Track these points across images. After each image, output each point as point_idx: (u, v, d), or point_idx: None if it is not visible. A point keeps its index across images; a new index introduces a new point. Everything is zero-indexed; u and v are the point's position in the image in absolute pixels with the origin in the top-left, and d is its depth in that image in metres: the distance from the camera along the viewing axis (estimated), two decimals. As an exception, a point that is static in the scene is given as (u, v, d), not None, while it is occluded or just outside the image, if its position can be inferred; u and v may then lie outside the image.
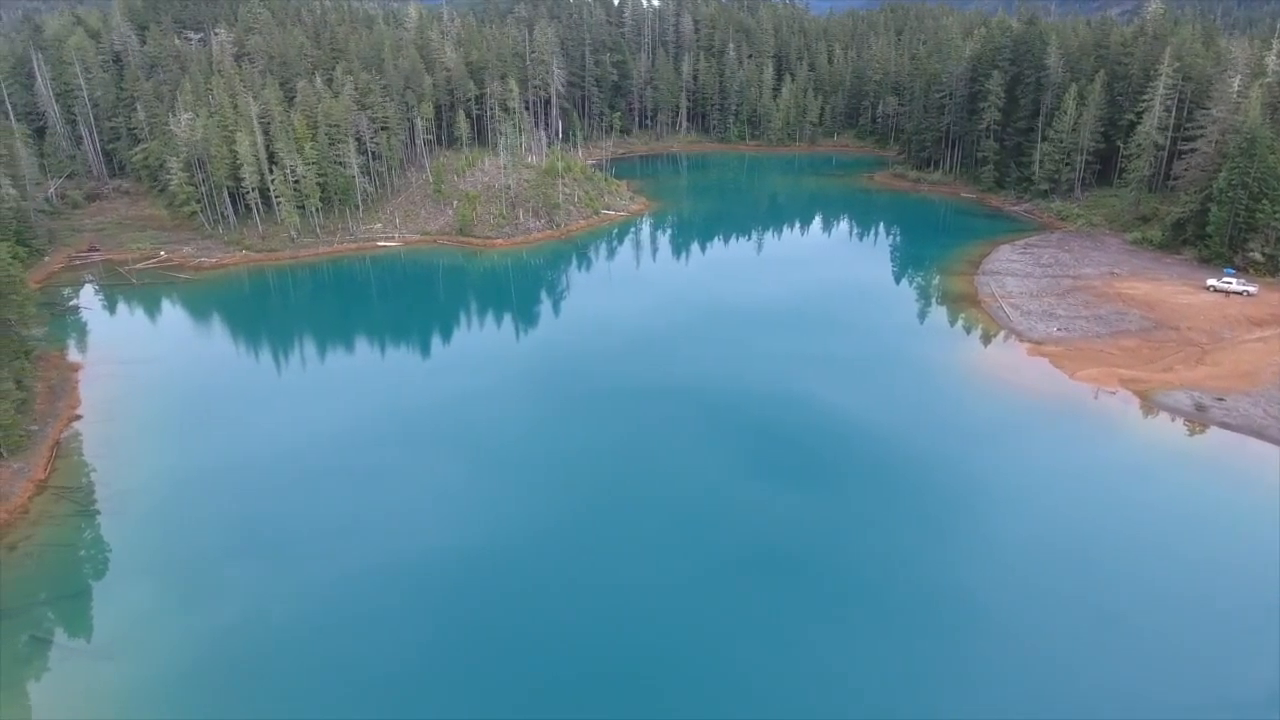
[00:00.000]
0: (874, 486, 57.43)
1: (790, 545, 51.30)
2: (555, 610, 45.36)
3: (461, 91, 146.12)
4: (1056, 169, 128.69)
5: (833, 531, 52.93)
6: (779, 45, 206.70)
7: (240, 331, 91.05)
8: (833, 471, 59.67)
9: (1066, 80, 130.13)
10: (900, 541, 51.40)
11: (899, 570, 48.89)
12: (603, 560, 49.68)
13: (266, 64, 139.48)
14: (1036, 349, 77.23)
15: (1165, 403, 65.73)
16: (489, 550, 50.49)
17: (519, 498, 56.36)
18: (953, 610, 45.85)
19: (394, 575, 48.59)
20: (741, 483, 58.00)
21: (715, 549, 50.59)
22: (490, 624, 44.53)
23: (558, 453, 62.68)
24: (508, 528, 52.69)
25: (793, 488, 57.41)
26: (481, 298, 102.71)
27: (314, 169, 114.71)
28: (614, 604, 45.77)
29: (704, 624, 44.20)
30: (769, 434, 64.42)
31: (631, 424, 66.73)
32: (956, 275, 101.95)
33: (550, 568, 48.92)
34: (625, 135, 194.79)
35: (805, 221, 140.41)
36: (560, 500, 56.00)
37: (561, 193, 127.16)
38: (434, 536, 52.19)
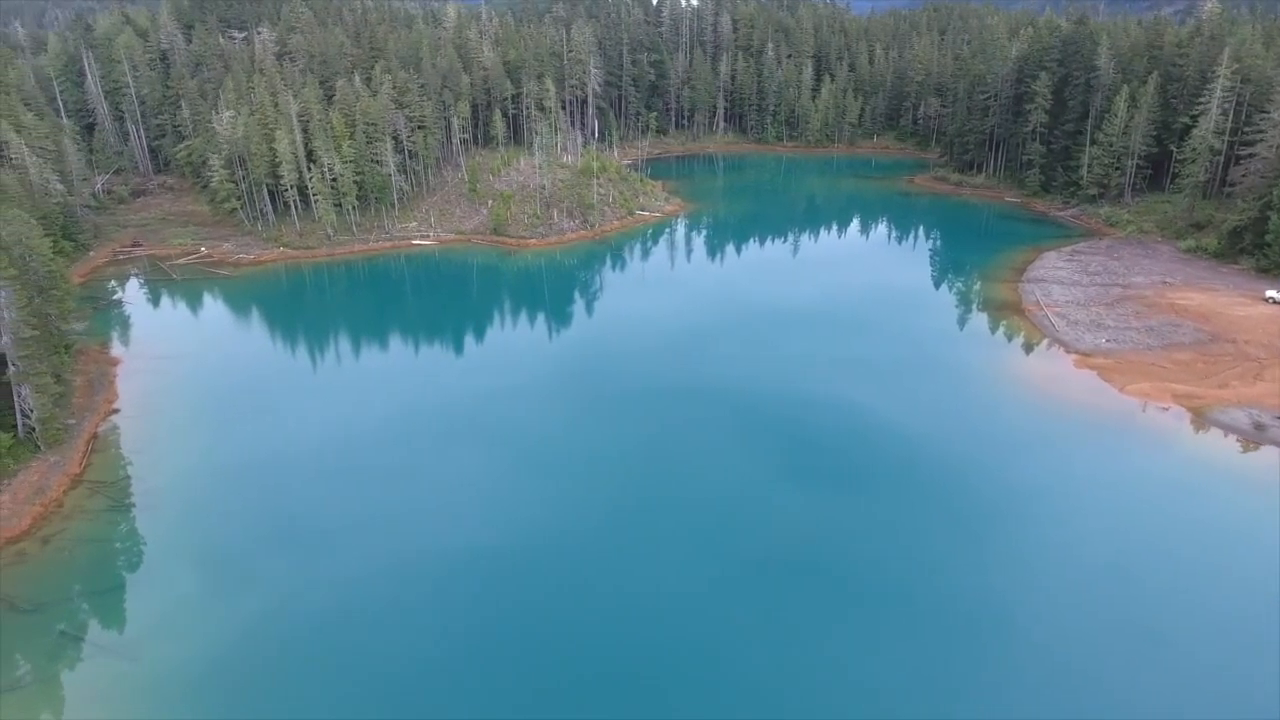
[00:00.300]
0: (909, 495, 55.70)
1: (820, 551, 50.46)
2: (579, 610, 45.34)
3: (498, 91, 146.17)
4: (1105, 173, 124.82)
5: (865, 539, 51.50)
6: (819, 45, 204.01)
7: (276, 328, 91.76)
8: (867, 477, 58.07)
9: (1118, 82, 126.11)
10: (934, 551, 49.78)
11: (931, 580, 47.48)
12: (628, 560, 49.55)
13: (307, 63, 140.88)
14: (1084, 360, 74.51)
15: (1221, 420, 62.83)
16: (516, 548, 50.60)
17: (547, 496, 56.35)
18: (986, 622, 44.45)
19: (423, 570, 48.73)
20: (772, 486, 57.01)
21: (743, 552, 50.11)
22: (515, 622, 44.59)
23: (587, 452, 62.29)
24: (535, 526, 52.84)
25: (825, 492, 56.10)
26: (515, 297, 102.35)
27: (351, 167, 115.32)
28: (639, 605, 45.60)
29: (729, 627, 43.85)
30: (802, 437, 63.07)
31: (661, 424, 66.17)
32: (999, 282, 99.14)
33: (576, 567, 49.02)
34: (661, 135, 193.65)
35: (843, 224, 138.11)
36: (588, 499, 55.94)
37: (596, 193, 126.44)
38: (463, 533, 52.06)
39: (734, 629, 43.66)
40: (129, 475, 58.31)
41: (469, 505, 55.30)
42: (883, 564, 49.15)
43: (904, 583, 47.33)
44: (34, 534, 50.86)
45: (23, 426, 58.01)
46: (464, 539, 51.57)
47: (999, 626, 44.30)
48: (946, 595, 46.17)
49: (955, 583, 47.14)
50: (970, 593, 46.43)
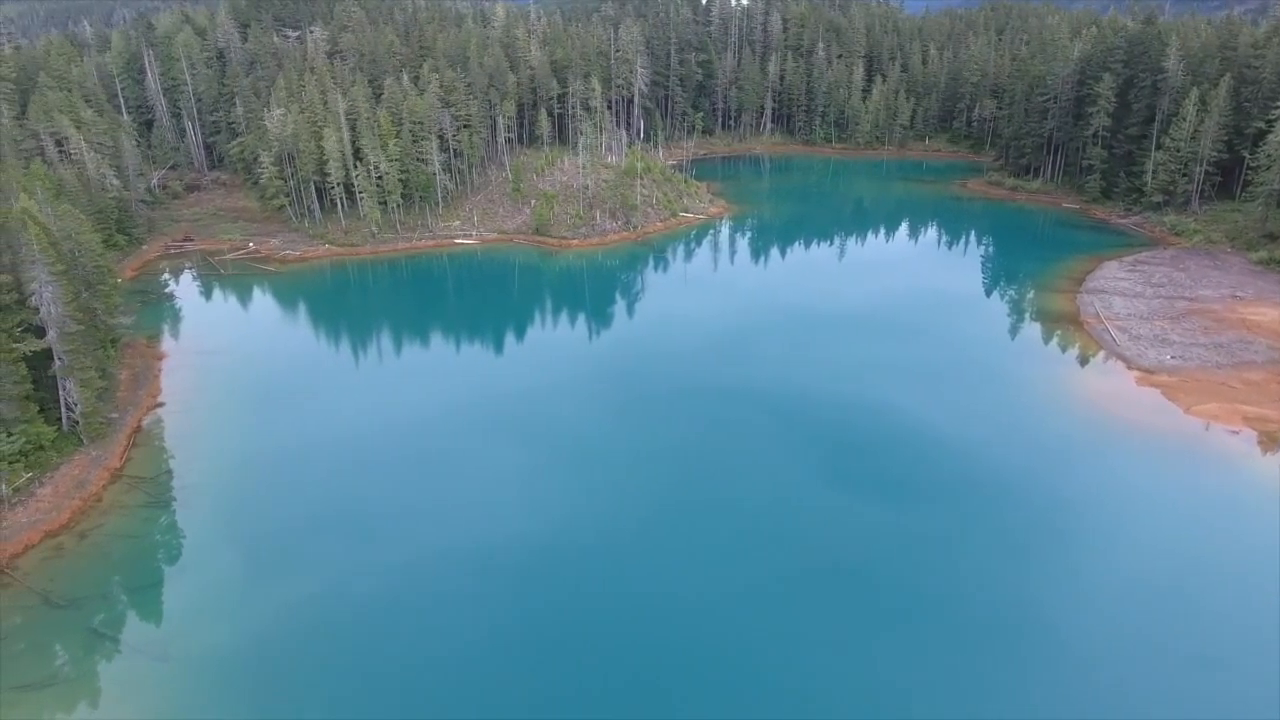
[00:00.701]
0: (956, 508, 53.55)
1: (860, 560, 49.36)
2: (613, 609, 45.43)
3: (544, 90, 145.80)
4: (1172, 180, 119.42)
5: (907, 551, 49.77)
6: (870, 45, 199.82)
7: (318, 324, 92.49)
8: (913, 488, 56.08)
9: (1187, 84, 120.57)
10: (981, 567, 48.15)
11: (976, 596, 46.08)
12: (664, 561, 49.36)
13: (357, 61, 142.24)
14: (1146, 378, 70.83)
15: (1297, 445, 59.02)
16: (553, 544, 50.85)
17: (585, 493, 56.51)
18: (1031, 641, 43.14)
19: (463, 566, 48.90)
20: (812, 491, 56.18)
21: (781, 558, 49.61)
22: (548, 619, 44.74)
23: (624, 450, 62.42)
24: (572, 523, 52.98)
25: (867, 501, 54.56)
26: (556, 297, 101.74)
27: (396, 166, 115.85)
28: (673, 607, 45.45)
29: (764, 634, 43.43)
30: (845, 443, 61.83)
31: (702, 425, 65.94)
32: (1056, 292, 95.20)
33: (611, 565, 49.15)
34: (707, 136, 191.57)
35: (892, 229, 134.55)
36: (624, 498, 56.00)
37: (639, 194, 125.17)
38: (501, 528, 52.42)
39: (769, 636, 43.17)
40: (168, 470, 58.78)
41: (508, 501, 55.52)
42: (925, 577, 47.63)
43: (946, 597, 45.79)
44: (72, 528, 51.37)
45: (67, 420, 58.83)
46: (502, 534, 51.82)
47: (1045, 646, 42.68)
48: (991, 612, 44.77)
49: (1001, 599, 45.58)
50: (1016, 610, 44.80)
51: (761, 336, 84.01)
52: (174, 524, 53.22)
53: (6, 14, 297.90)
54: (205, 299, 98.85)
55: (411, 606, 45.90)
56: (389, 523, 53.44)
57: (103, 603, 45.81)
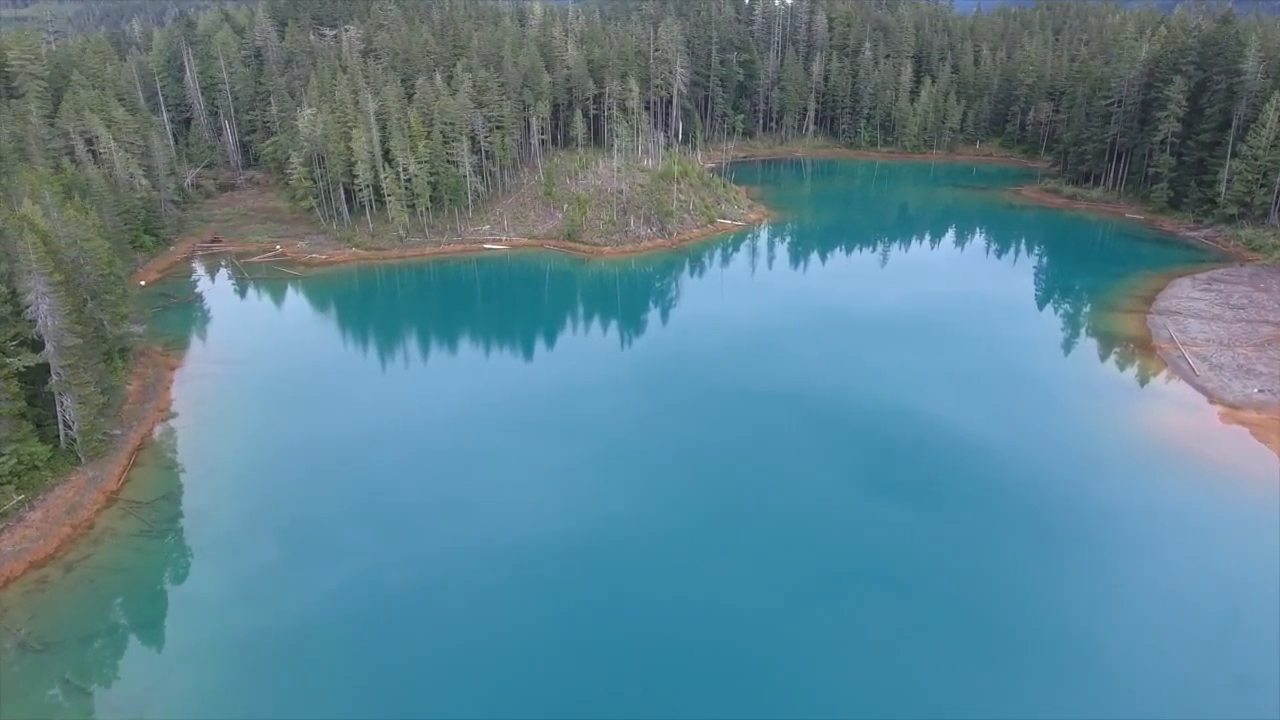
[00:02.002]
0: (1033, 556, 47.86)
1: (901, 569, 48.45)
2: (643, 609, 45.12)
3: (580, 90, 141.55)
4: (1249, 190, 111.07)
5: (952, 562, 46.57)
6: (919, 45, 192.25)
7: (342, 334, 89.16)
8: (987, 529, 50.42)
9: (1267, 88, 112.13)
10: (1046, 600, 42.13)
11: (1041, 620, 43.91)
12: (698, 563, 48.89)
13: (391, 60, 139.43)
14: (1231, 414, 64.06)
15: None
16: (583, 545, 50.47)
17: (617, 495, 55.99)
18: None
19: (495, 577, 47.99)
20: (855, 500, 53.75)
21: (816, 563, 49.14)
22: (576, 617, 44.59)
23: (659, 453, 61.76)
24: (604, 524, 52.55)
25: (918, 520, 48.99)
26: (589, 303, 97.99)
27: (426, 167, 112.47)
28: (707, 609, 45.01)
29: (798, 638, 43.09)
30: (901, 481, 55.47)
31: (736, 429, 64.93)
32: (1124, 312, 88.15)
33: (643, 566, 48.69)
34: (748, 138, 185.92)
35: (941, 238, 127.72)
36: (658, 499, 55.47)
37: (676, 199, 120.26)
38: (537, 528, 52.09)
39: (798, 639, 42.90)
40: (167, 495, 55.24)
41: (542, 503, 54.91)
42: (966, 590, 46.42)
43: (997, 619, 44.42)
44: (59, 558, 48.01)
45: (64, 438, 55.83)
46: (538, 534, 51.49)
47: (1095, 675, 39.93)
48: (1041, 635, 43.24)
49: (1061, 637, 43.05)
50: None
51: (802, 351, 79.02)
52: (169, 555, 49.72)
53: (64, 13, 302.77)
54: (227, 304, 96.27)
55: (443, 631, 43.95)
56: (422, 549, 50.67)
57: (81, 648, 42.18)
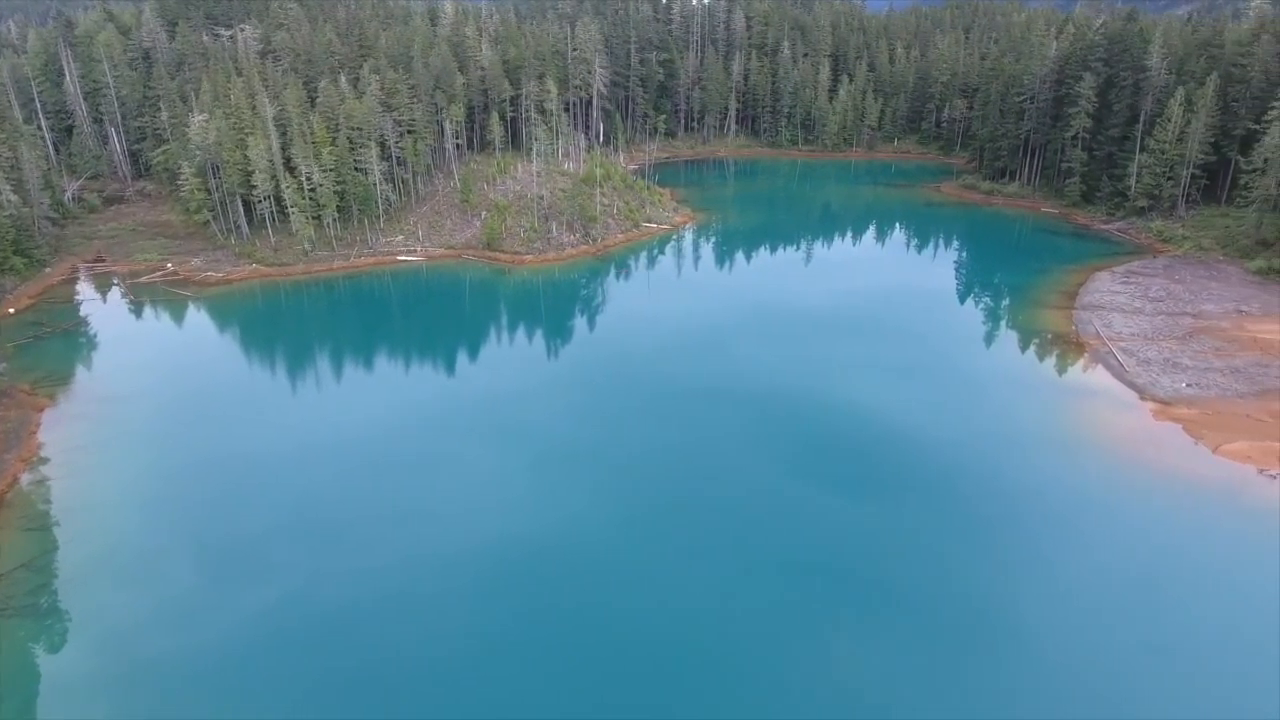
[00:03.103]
0: (970, 545, 45.56)
1: (850, 561, 49.29)
2: (594, 611, 44.51)
3: (496, 92, 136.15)
4: (1157, 183, 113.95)
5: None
6: (836, 44, 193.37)
7: (248, 356, 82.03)
8: (917, 525, 47.97)
9: (1171, 84, 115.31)
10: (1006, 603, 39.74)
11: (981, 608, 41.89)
12: (643, 562, 48.59)
13: (291, 62, 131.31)
14: (1164, 410, 63.92)
15: (1345, 493, 52.32)
16: (526, 549, 49.43)
17: (559, 498, 54.84)
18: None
19: (434, 589, 46.83)
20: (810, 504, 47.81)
21: (762, 555, 49.11)
22: (528, 624, 43.54)
23: (598, 455, 60.61)
24: (547, 528, 51.50)
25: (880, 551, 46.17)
26: (514, 314, 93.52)
27: (331, 176, 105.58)
28: (654, 606, 44.74)
29: (747, 631, 43.04)
30: (838, 517, 52.88)
31: (676, 429, 64.26)
32: (1050, 309, 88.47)
33: (591, 569, 47.98)
34: (670, 138, 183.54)
35: (868, 239, 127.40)
36: (601, 500, 54.58)
37: (599, 203, 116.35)
38: (474, 537, 50.93)
39: (749, 632, 42.86)
40: (21, 570, 47.87)
41: (481, 510, 53.66)
42: (915, 581, 46.85)
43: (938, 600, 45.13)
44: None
45: (-98, 500, 48.26)
46: (479, 541, 50.44)
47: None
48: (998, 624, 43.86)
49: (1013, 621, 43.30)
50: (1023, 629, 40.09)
51: (737, 349, 76.19)
52: (21, 644, 42.76)
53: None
54: (112, 331, 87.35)
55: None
56: (357, 562, 47.87)
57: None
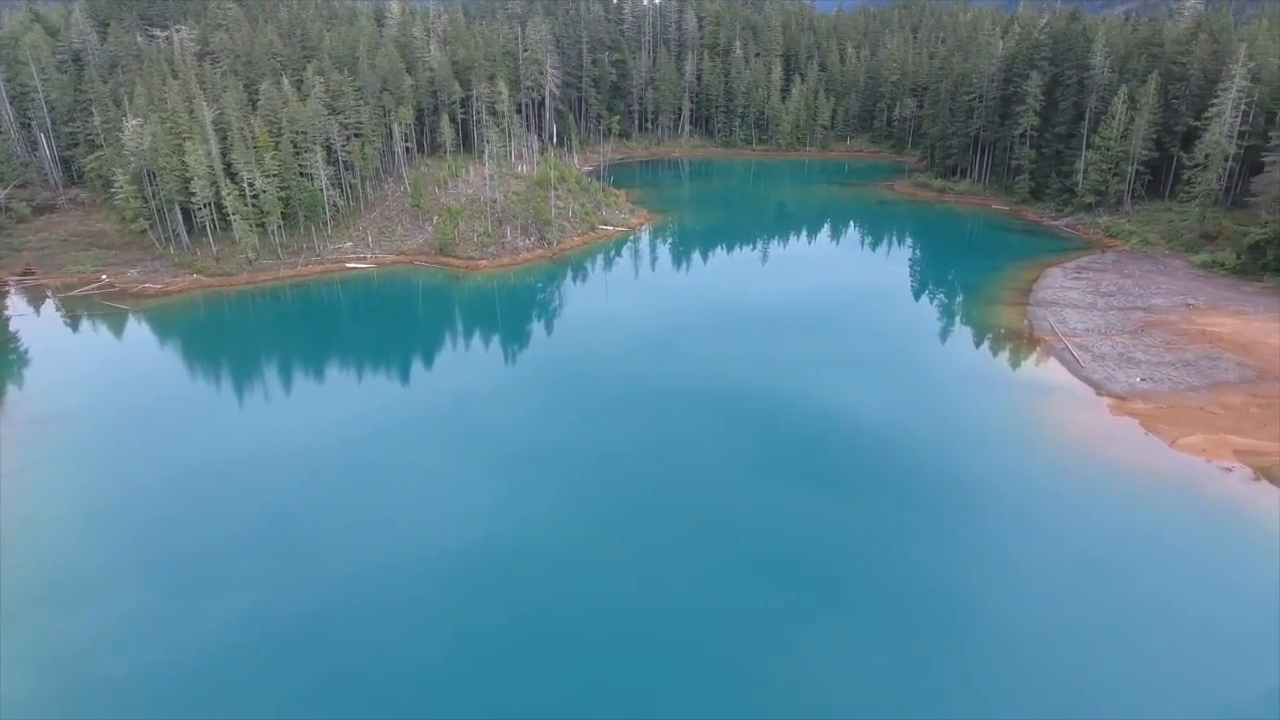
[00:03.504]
0: (932, 542, 45.11)
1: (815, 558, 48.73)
2: (564, 609, 44.23)
3: (446, 93, 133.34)
4: (1103, 180, 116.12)
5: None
6: (787, 43, 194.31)
7: (191, 369, 78.29)
8: (879, 522, 47.37)
9: (1114, 82, 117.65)
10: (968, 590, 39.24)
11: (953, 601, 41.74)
12: (612, 562, 48.20)
13: (231, 64, 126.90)
14: (1120, 405, 64.52)
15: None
16: (492, 554, 48.71)
17: (524, 502, 54.12)
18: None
19: (401, 595, 46.01)
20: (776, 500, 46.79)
21: (727, 552, 49.02)
22: (497, 627, 43.03)
23: (561, 458, 60.14)
24: (512, 532, 50.85)
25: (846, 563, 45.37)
26: (470, 320, 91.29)
27: (275, 182, 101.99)
28: (623, 606, 44.56)
29: (717, 630, 42.87)
30: (796, 514, 52.09)
31: (642, 431, 63.66)
32: (1005, 305, 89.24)
33: (559, 570, 47.46)
34: (624, 139, 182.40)
35: (824, 239, 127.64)
36: (565, 502, 54.09)
37: (554, 206, 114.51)
38: (440, 542, 50.09)
39: (723, 632, 42.63)
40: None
41: (447, 515, 52.83)
42: (878, 575, 47.29)
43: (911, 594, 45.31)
44: None
45: None
46: (446, 546, 49.59)
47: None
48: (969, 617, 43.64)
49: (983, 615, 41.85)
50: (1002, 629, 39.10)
51: (697, 349, 75.15)
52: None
53: None
54: (42, 349, 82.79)
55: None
56: (323, 570, 46.49)
57: None
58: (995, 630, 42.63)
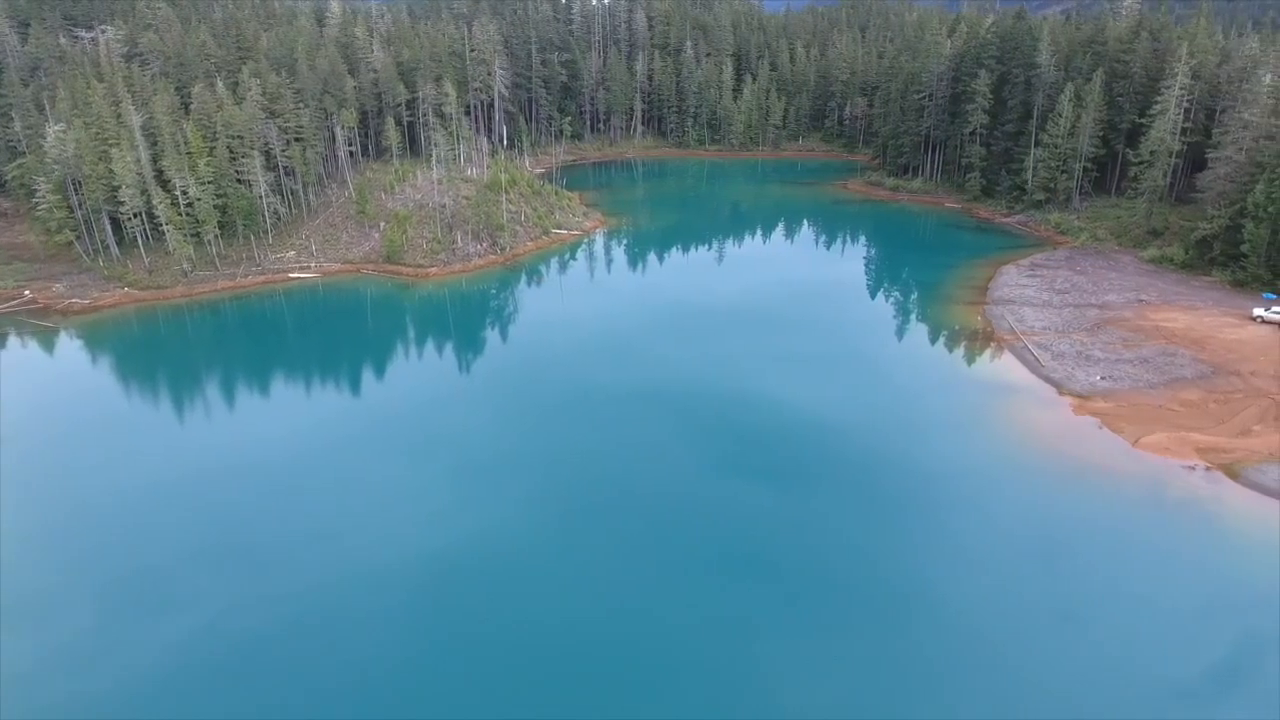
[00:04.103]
0: (902, 548, 43.93)
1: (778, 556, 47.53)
2: (525, 612, 43.77)
3: (391, 96, 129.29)
4: (1052, 177, 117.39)
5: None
6: (738, 43, 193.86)
7: (119, 394, 73.59)
8: (866, 556, 46.02)
9: (1060, 80, 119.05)
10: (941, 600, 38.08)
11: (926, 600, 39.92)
12: (572, 562, 47.99)
13: (161, 65, 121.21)
14: (1082, 404, 64.35)
15: (1259, 481, 53.14)
16: (453, 561, 47.91)
17: (481, 507, 53.43)
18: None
19: (360, 607, 44.82)
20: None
21: (686, 550, 48.99)
22: (459, 629, 42.73)
23: (523, 462, 59.59)
24: (475, 537, 50.08)
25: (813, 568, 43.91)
26: (422, 330, 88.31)
27: (210, 189, 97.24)
28: (585, 604, 44.35)
29: (676, 623, 42.95)
30: (760, 516, 50.50)
31: (600, 432, 62.83)
32: (963, 305, 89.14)
33: (519, 574, 46.93)
34: (576, 141, 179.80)
35: (780, 239, 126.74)
36: (527, 506, 53.43)
37: (506, 211, 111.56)
38: (399, 552, 49.04)
39: (684, 629, 42.52)
40: None
41: (405, 523, 51.78)
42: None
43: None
44: None
45: None
46: (405, 555, 48.42)
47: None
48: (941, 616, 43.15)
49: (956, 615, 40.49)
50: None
51: (654, 352, 73.14)
52: None
53: None
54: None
55: None
56: (273, 587, 44.89)
57: None
58: (958, 622, 42.44)
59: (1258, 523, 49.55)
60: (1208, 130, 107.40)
